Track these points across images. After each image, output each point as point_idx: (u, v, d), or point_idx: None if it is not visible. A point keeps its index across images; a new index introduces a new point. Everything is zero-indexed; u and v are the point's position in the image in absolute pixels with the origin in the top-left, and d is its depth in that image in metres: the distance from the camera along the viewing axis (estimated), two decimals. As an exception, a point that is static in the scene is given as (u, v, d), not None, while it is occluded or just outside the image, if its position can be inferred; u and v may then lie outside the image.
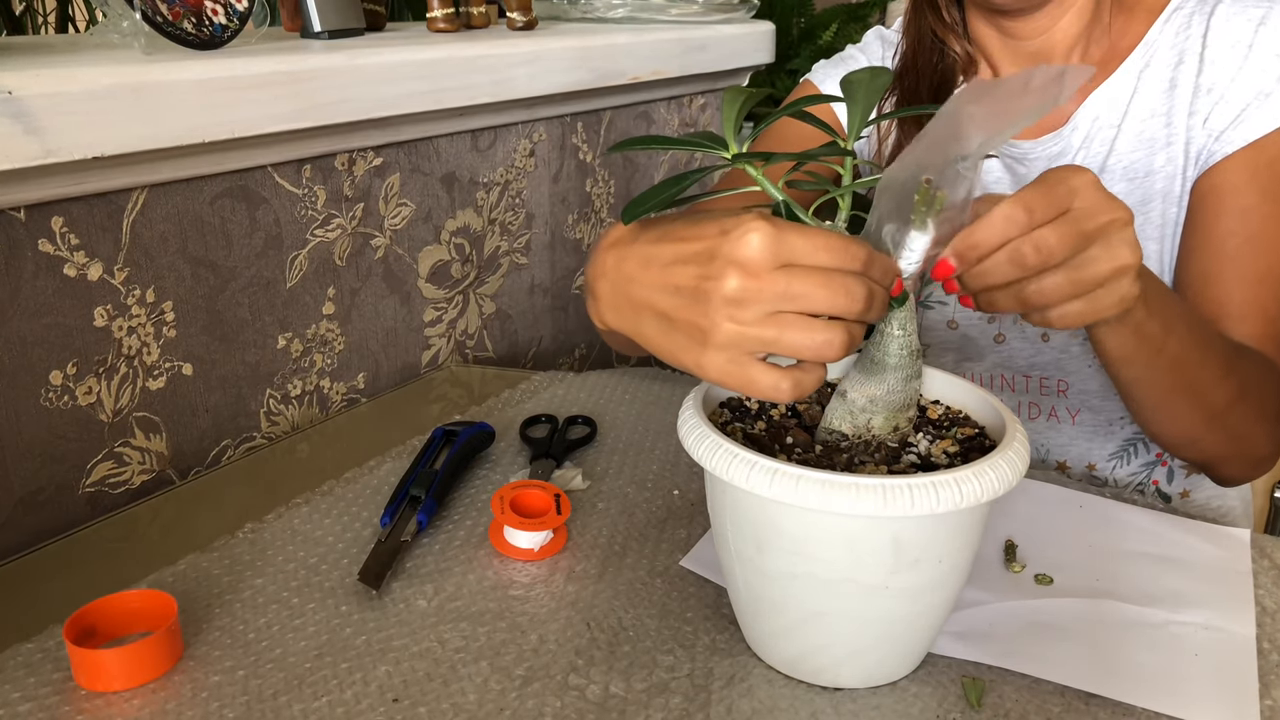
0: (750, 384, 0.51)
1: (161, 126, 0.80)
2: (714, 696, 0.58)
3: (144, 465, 0.89)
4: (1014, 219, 0.53)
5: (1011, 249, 0.54)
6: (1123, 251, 0.56)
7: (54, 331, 0.80)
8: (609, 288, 0.57)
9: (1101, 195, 0.56)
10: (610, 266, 0.57)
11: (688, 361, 0.53)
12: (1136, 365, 0.70)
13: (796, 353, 0.50)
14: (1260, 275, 0.81)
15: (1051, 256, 0.54)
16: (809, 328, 0.49)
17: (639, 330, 0.55)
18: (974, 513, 0.54)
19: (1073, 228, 0.54)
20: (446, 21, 1.16)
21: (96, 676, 0.59)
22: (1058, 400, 0.95)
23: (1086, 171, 0.56)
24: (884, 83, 0.60)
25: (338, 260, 1.04)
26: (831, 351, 0.50)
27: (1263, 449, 0.80)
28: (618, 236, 0.57)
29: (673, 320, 0.53)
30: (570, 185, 1.37)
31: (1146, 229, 0.87)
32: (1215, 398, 0.74)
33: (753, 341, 0.50)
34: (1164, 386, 0.72)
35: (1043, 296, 0.56)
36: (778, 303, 0.49)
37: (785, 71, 2.47)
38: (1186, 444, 0.79)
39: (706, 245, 0.51)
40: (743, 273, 0.49)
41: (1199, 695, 0.58)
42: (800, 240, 0.49)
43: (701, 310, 0.51)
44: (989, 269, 0.55)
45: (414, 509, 0.76)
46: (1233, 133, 0.82)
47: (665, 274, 0.53)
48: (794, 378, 0.51)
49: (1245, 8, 0.84)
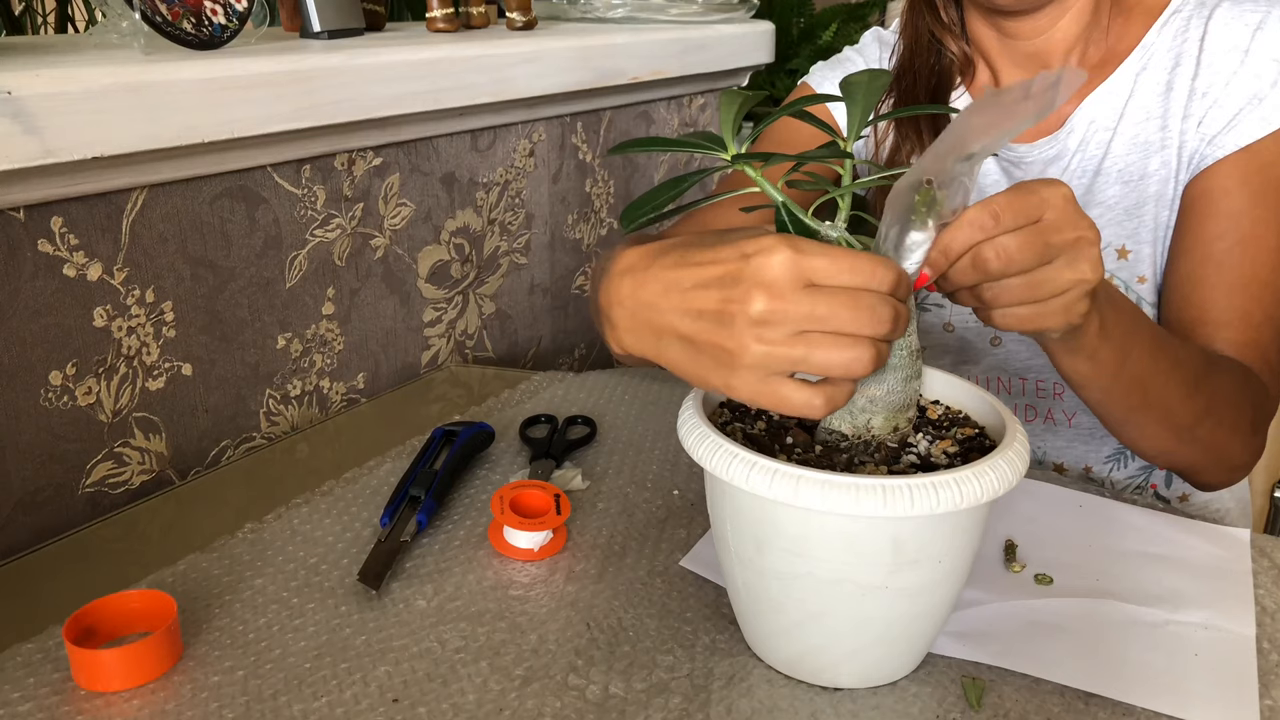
0: (783, 402, 0.52)
1: (161, 126, 0.80)
2: (714, 696, 0.58)
3: (144, 465, 0.89)
4: (980, 224, 0.54)
5: (974, 253, 0.54)
6: (1084, 268, 0.56)
7: (53, 331, 0.80)
8: (627, 315, 0.57)
9: (1072, 211, 0.56)
10: (627, 294, 0.57)
11: (716, 382, 0.53)
12: (1092, 388, 0.71)
13: (826, 370, 0.51)
14: (1245, 281, 0.81)
15: (1011, 263, 0.54)
16: (837, 345, 0.50)
17: (662, 354, 0.56)
18: (974, 513, 0.54)
19: (1038, 238, 0.55)
20: (446, 21, 1.16)
21: (96, 677, 0.59)
22: (1054, 403, 0.95)
23: (1062, 185, 0.56)
24: (883, 84, 0.60)
25: (337, 260, 1.04)
26: (860, 368, 0.50)
27: (1237, 458, 0.80)
28: (630, 263, 0.57)
29: (698, 344, 0.53)
30: (570, 185, 1.37)
31: (1140, 232, 0.87)
32: (1181, 415, 0.74)
33: (781, 361, 0.50)
34: (1124, 406, 0.73)
35: (994, 295, 0.56)
36: (804, 323, 0.50)
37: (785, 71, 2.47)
38: (1159, 455, 0.80)
39: (729, 269, 0.51)
40: (768, 294, 0.50)
41: (1199, 695, 0.58)
42: (823, 262, 0.50)
43: (728, 333, 0.51)
44: (954, 273, 0.56)
45: (414, 509, 0.76)
46: (1225, 137, 0.82)
47: (687, 299, 0.53)
48: (826, 393, 0.52)
49: (1243, 12, 0.84)
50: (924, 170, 0.52)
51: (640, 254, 0.57)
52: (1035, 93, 0.49)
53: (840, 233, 0.56)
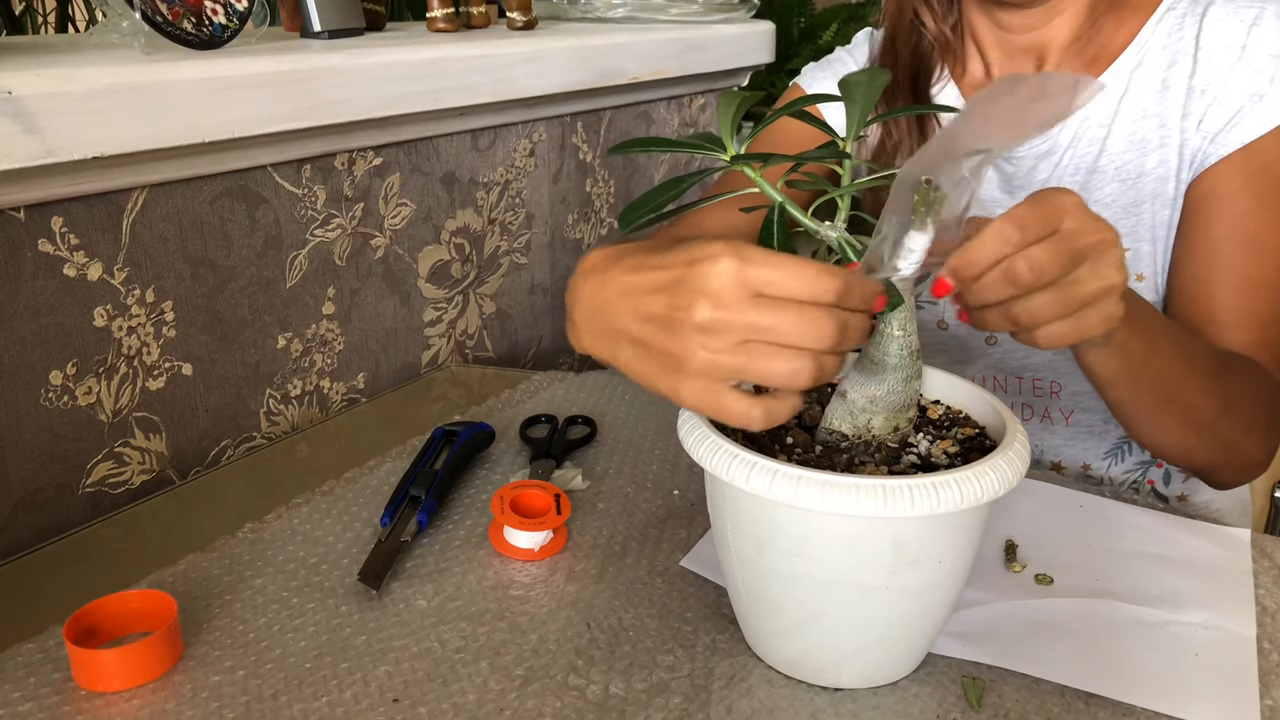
0: (723, 411, 0.52)
1: (161, 126, 0.80)
2: (714, 696, 0.58)
3: (144, 465, 0.89)
4: (1007, 236, 0.54)
5: (1005, 266, 0.54)
6: (1109, 272, 0.57)
7: (54, 331, 0.80)
8: (585, 315, 0.58)
9: (1089, 216, 0.56)
10: (587, 295, 0.57)
11: (663, 388, 0.53)
12: (1121, 384, 0.71)
13: (766, 380, 0.51)
14: (1253, 281, 0.81)
15: (1043, 274, 0.54)
16: (777, 357, 0.50)
17: (615, 356, 0.56)
18: (974, 513, 0.54)
19: (1063, 246, 0.55)
20: (446, 21, 1.16)
21: (96, 676, 0.59)
22: (1051, 402, 0.95)
23: (1072, 193, 0.56)
24: (882, 84, 0.60)
25: (338, 260, 1.04)
26: (800, 380, 0.50)
27: (1253, 456, 0.80)
28: (592, 264, 0.58)
29: (647, 348, 0.54)
30: (570, 185, 1.37)
31: (1138, 231, 0.87)
32: (1202, 411, 0.74)
33: (724, 369, 0.51)
34: (1150, 403, 0.73)
35: (1030, 315, 0.56)
36: (746, 333, 0.50)
37: (785, 71, 2.47)
38: (1179, 454, 0.80)
39: (675, 275, 0.52)
40: (712, 303, 0.50)
41: (1199, 695, 0.58)
42: (768, 272, 0.50)
43: (674, 339, 0.52)
44: (983, 287, 0.56)
45: (414, 509, 0.76)
46: (1227, 135, 0.82)
47: (639, 303, 0.54)
48: (765, 406, 0.52)
49: (1238, 8, 0.84)
50: (926, 166, 0.51)
51: (603, 256, 0.58)
52: (1052, 92, 0.49)
53: (840, 233, 0.56)
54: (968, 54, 0.94)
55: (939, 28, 0.92)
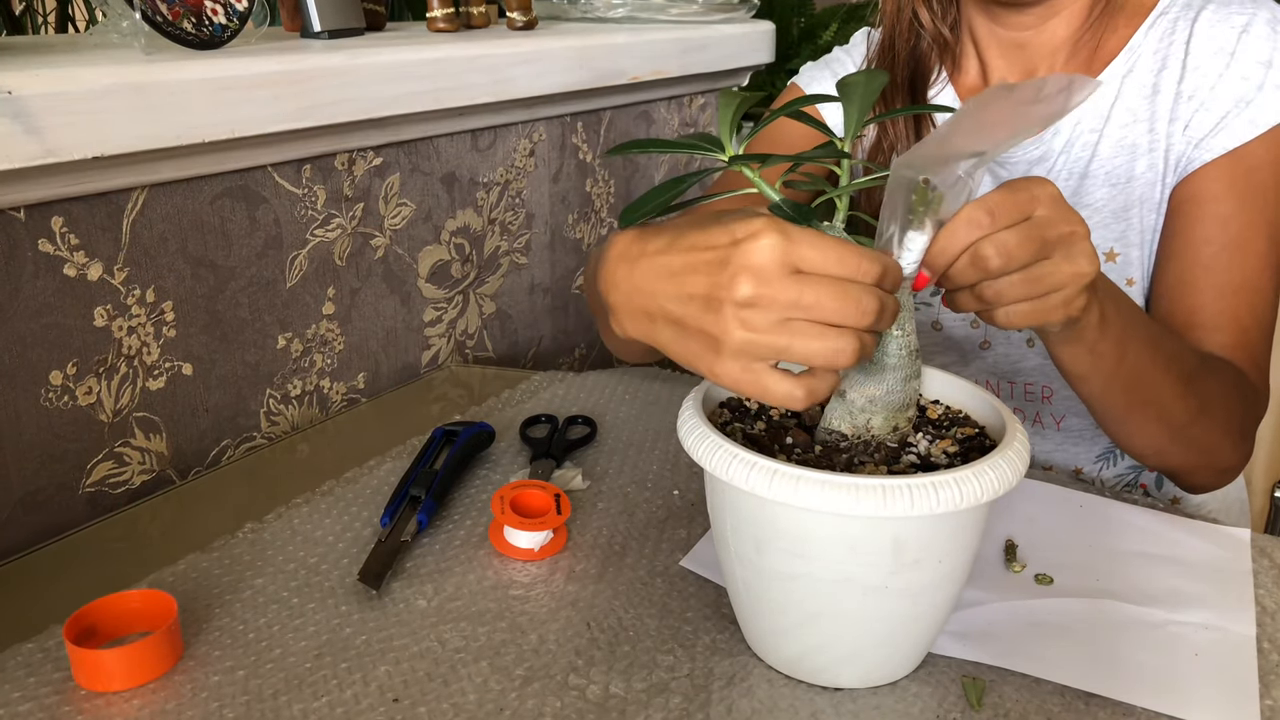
0: (764, 391, 0.51)
1: (161, 126, 0.80)
2: (714, 696, 0.58)
3: (144, 465, 0.89)
4: (976, 222, 0.54)
5: (973, 250, 0.54)
6: (1080, 261, 0.57)
7: (54, 331, 0.80)
8: (623, 300, 0.57)
9: (1062, 206, 0.56)
10: (622, 278, 0.57)
11: (702, 368, 0.53)
12: (1093, 382, 0.71)
13: (808, 360, 0.50)
14: (1235, 285, 0.81)
15: (1011, 259, 0.54)
16: (821, 335, 0.50)
17: (655, 338, 0.56)
18: (974, 513, 0.55)
19: (1034, 233, 0.55)
20: (446, 21, 1.17)
21: (96, 676, 0.59)
22: (1042, 406, 0.95)
23: (1049, 183, 0.56)
24: (880, 85, 0.60)
25: (338, 260, 1.04)
26: (843, 359, 0.50)
27: (1228, 460, 0.80)
28: (624, 248, 0.57)
29: (686, 328, 0.53)
30: (570, 185, 1.37)
31: (1128, 235, 0.87)
32: (1176, 413, 0.74)
33: (764, 348, 0.50)
34: (1123, 403, 0.73)
35: (996, 293, 0.56)
36: (789, 310, 0.49)
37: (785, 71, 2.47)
38: (1152, 455, 0.80)
39: (718, 254, 0.51)
40: (754, 280, 0.49)
41: (1199, 695, 0.58)
42: (811, 251, 0.50)
43: (714, 318, 0.51)
44: (954, 272, 0.56)
45: (414, 509, 0.76)
46: (1213, 140, 0.82)
47: (677, 283, 0.53)
48: (807, 385, 0.51)
49: (1229, 15, 0.83)
50: (917, 165, 0.51)
51: (633, 238, 0.57)
52: (1048, 95, 0.49)
53: (838, 233, 0.56)
54: (965, 54, 0.94)
55: (937, 27, 0.92)
